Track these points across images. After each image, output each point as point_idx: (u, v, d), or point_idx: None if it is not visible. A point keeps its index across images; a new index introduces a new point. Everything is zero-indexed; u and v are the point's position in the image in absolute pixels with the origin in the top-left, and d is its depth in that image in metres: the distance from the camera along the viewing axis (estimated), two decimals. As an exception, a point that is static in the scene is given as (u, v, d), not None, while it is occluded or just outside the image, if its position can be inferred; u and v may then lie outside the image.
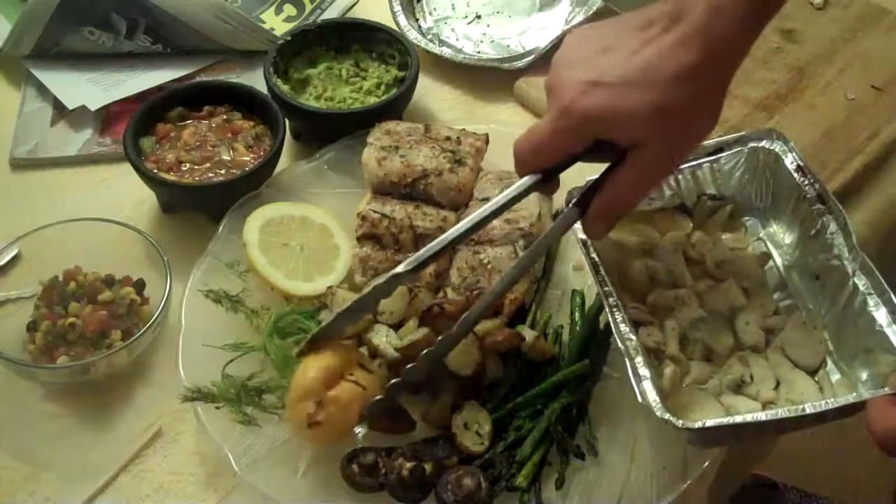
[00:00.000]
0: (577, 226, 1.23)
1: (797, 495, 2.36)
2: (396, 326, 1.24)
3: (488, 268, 1.29)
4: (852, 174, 1.51)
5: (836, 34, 1.73)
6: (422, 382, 1.18)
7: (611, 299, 1.17)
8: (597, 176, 1.08)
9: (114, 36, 1.66)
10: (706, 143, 1.32)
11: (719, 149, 1.33)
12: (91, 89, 1.63)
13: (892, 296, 1.13)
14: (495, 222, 1.31)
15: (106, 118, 1.61)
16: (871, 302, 1.14)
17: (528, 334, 1.22)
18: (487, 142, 1.43)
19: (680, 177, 1.33)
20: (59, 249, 1.33)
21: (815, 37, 1.73)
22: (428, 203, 1.36)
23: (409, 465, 1.10)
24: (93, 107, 1.60)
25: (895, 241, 1.53)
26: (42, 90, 1.65)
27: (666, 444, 1.15)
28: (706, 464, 1.15)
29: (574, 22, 1.72)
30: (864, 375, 1.14)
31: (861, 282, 1.16)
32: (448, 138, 1.41)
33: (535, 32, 1.76)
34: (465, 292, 1.27)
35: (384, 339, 1.22)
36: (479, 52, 1.74)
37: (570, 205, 1.11)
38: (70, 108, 1.61)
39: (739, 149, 1.32)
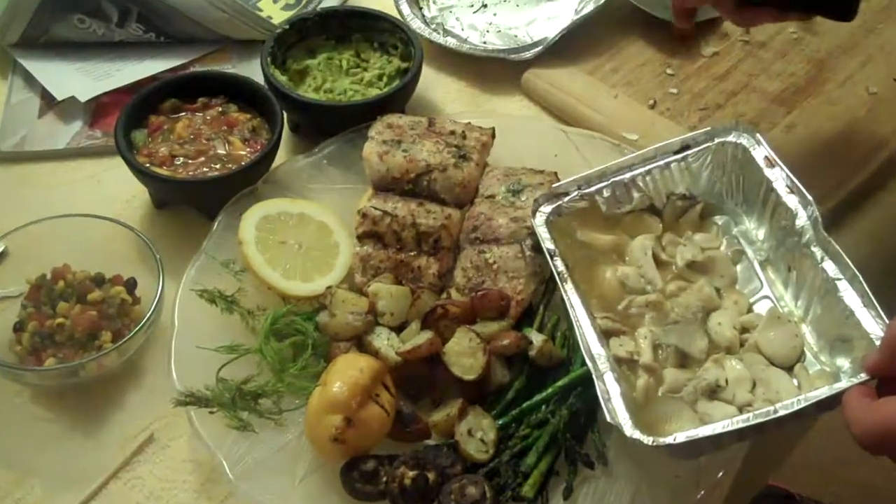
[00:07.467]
0: (546, 235, 1.25)
1: (813, 506, 2.36)
2: (398, 329, 1.24)
3: (494, 268, 1.29)
4: (874, 170, 1.50)
5: (856, 25, 1.72)
6: (424, 388, 1.18)
7: (577, 311, 1.17)
8: None
9: (105, 24, 1.65)
10: (672, 140, 1.33)
11: (686, 146, 1.33)
12: (81, 79, 1.63)
13: (860, 276, 1.13)
14: (501, 220, 1.31)
15: (96, 110, 1.61)
16: (840, 287, 1.15)
17: (536, 337, 1.22)
18: (493, 136, 1.42)
19: (648, 177, 1.33)
20: (47, 247, 1.33)
21: (835, 28, 1.72)
22: (431, 200, 1.35)
23: (411, 473, 1.10)
24: (82, 98, 1.60)
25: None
26: (29, 80, 1.65)
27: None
28: (721, 473, 1.14)
29: (584, 12, 1.71)
30: (845, 364, 1.14)
31: (829, 267, 1.17)
32: (453, 132, 1.41)
33: (544, 22, 1.76)
34: (470, 293, 1.26)
35: (385, 342, 1.22)
36: (485, 43, 1.73)
37: None
38: (59, 98, 1.60)
39: (707, 145, 1.32)
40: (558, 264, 1.23)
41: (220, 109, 1.49)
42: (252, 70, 1.60)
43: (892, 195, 1.51)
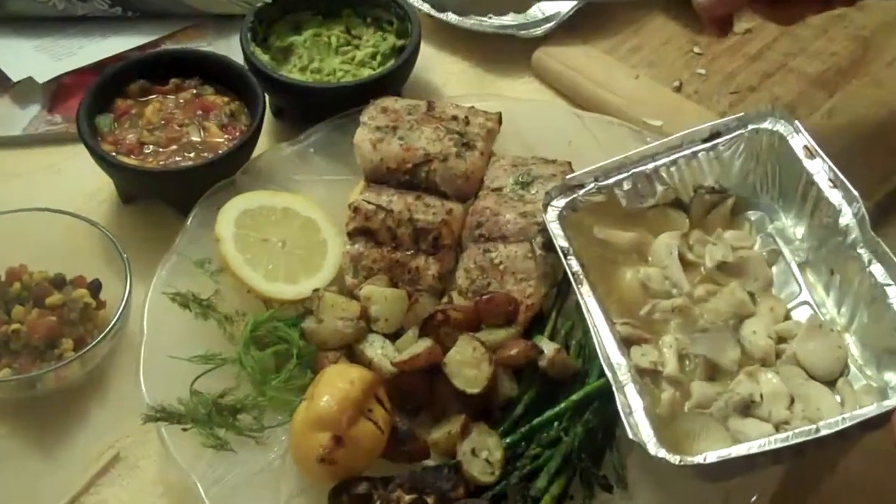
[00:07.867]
0: (559, 231, 1.25)
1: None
2: (393, 337, 1.24)
3: (500, 268, 1.29)
4: (925, 160, 1.51)
5: (906, -1, 1.73)
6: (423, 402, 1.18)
7: (594, 317, 1.17)
8: None
9: (66, -4, 1.66)
10: (700, 127, 1.34)
11: (716, 133, 1.33)
12: (39, 58, 1.64)
13: None
14: (509, 216, 1.31)
15: (56, 92, 1.62)
16: (890, 293, 1.15)
17: (547, 346, 1.22)
18: (500, 121, 1.42)
19: (673, 168, 1.33)
20: (1, 245, 1.32)
21: (882, 2, 1.72)
22: (431, 193, 1.35)
23: (408, 497, 1.10)
24: (41, 79, 1.60)
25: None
26: (-18, 59, 1.66)
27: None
28: (754, 497, 1.14)
29: (601, -17, 1.71)
30: (893, 380, 1.14)
31: (878, 271, 1.17)
32: (454, 117, 1.41)
33: (556, -5, 1.76)
34: (474, 297, 1.26)
35: (379, 351, 1.22)
36: (490, 18, 1.73)
37: None
38: (14, 80, 1.61)
39: (739, 132, 1.33)
40: (573, 264, 1.22)
41: (195, 92, 1.50)
42: (230, 48, 1.60)
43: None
